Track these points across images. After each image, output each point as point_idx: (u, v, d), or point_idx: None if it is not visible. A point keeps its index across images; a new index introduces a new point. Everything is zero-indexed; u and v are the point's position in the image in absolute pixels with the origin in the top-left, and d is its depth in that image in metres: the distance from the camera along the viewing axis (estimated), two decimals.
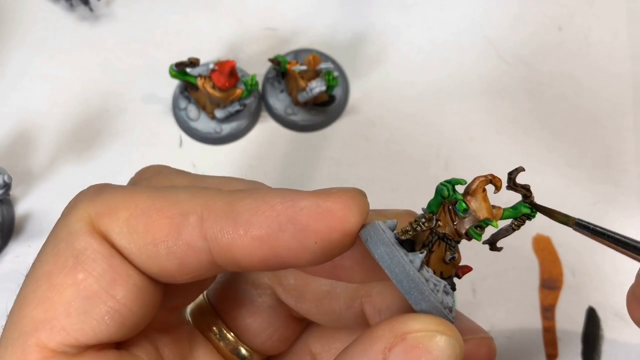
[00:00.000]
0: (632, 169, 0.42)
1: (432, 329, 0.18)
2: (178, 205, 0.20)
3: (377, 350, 0.19)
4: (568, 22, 0.46)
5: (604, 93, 0.44)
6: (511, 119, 0.43)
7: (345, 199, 0.20)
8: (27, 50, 0.43)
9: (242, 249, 0.20)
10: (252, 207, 0.20)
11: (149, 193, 0.21)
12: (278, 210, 0.20)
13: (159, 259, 0.20)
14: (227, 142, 0.41)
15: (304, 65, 0.39)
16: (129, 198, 0.21)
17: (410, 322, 0.19)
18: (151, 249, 0.20)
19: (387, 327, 0.19)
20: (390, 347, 0.18)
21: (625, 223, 0.40)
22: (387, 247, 0.20)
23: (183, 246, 0.20)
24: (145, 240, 0.20)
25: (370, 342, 0.19)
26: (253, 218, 0.20)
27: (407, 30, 0.45)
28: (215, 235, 0.20)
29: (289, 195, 0.20)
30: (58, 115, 0.41)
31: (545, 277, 0.38)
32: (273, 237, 0.20)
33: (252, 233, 0.20)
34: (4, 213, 0.37)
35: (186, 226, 0.20)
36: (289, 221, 0.20)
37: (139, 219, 0.20)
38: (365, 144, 0.42)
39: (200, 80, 0.38)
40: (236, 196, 0.20)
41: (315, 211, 0.19)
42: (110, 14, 0.45)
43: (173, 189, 0.21)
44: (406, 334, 0.18)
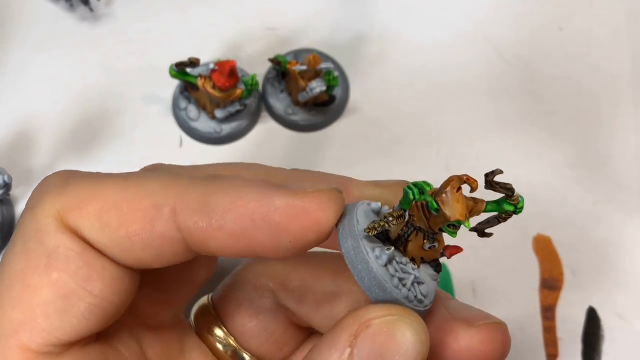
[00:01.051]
0: (632, 169, 0.42)
1: (395, 313, 0.19)
2: (150, 196, 0.20)
3: (344, 340, 0.19)
4: (568, 22, 0.46)
5: (604, 93, 0.44)
6: (511, 119, 0.43)
7: (321, 198, 0.19)
8: (27, 50, 0.43)
9: (216, 242, 0.20)
10: (226, 203, 0.20)
11: (119, 183, 0.21)
12: (252, 208, 0.19)
13: (134, 251, 0.20)
14: (227, 142, 0.41)
15: (304, 65, 0.39)
16: (98, 190, 0.20)
17: (373, 309, 0.19)
18: (125, 242, 0.20)
19: (351, 317, 0.19)
20: (355, 335, 0.19)
21: (625, 223, 0.40)
22: (355, 240, 0.20)
23: (158, 239, 0.20)
24: (118, 234, 0.20)
25: (338, 333, 0.19)
26: (227, 215, 0.19)
27: (407, 30, 0.45)
28: (189, 229, 0.20)
29: (264, 191, 0.20)
30: (58, 115, 0.41)
31: (545, 277, 0.38)
32: (247, 234, 0.19)
33: (226, 229, 0.20)
34: (4, 213, 0.37)
35: (160, 219, 0.20)
36: (263, 220, 0.19)
37: (110, 213, 0.20)
38: (365, 144, 0.42)
39: (200, 80, 0.38)
40: (210, 188, 0.20)
41: (290, 211, 0.19)
42: (110, 14, 0.45)
43: (144, 178, 0.21)
44: (370, 320, 0.19)
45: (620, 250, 0.39)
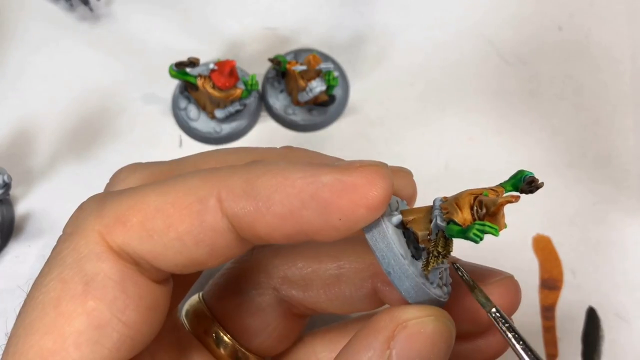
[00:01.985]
0: (632, 169, 0.42)
1: (430, 314, 0.20)
2: (192, 192, 0.20)
3: (382, 341, 0.19)
4: (568, 22, 0.46)
5: (604, 93, 0.44)
6: (511, 119, 0.43)
7: (369, 173, 0.19)
8: (27, 50, 0.43)
9: (265, 226, 0.19)
10: (272, 184, 0.19)
11: (156, 189, 0.20)
12: (300, 187, 0.19)
13: (187, 251, 0.20)
14: (227, 142, 0.41)
15: (304, 65, 0.39)
16: (138, 201, 0.20)
17: (409, 310, 0.20)
18: (177, 244, 0.20)
19: (387, 317, 0.20)
20: (393, 336, 0.19)
21: (625, 223, 0.40)
22: (389, 248, 0.20)
23: (209, 232, 0.20)
24: (169, 237, 0.20)
25: (374, 334, 0.20)
26: (274, 195, 0.19)
27: (407, 30, 0.45)
28: (237, 215, 0.19)
29: (310, 169, 0.19)
30: (58, 115, 0.41)
31: (545, 277, 0.38)
32: (296, 214, 0.19)
33: (273, 211, 0.19)
34: (4, 213, 0.37)
35: (207, 211, 0.19)
36: (312, 198, 0.19)
37: (155, 218, 0.20)
38: (365, 144, 0.41)
39: (200, 80, 0.38)
40: (253, 172, 0.20)
41: (339, 187, 0.19)
42: (110, 14, 0.45)
43: (181, 178, 0.20)
44: (406, 321, 0.19)
45: (620, 250, 0.39)
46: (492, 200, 0.20)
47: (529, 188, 0.21)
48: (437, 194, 0.27)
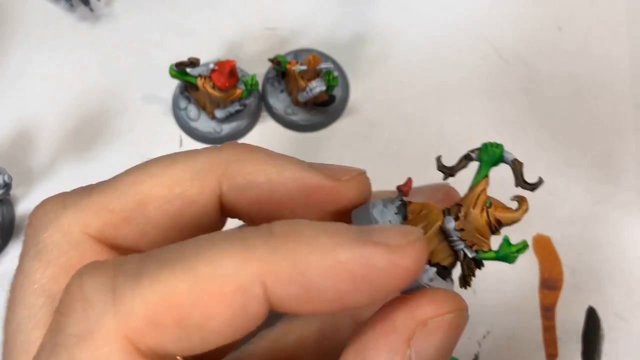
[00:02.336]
0: (632, 169, 0.42)
1: (449, 310, 0.20)
2: (231, 278, 0.17)
3: (403, 340, 0.19)
4: (568, 22, 0.46)
5: (604, 93, 0.44)
6: (511, 119, 0.43)
7: (418, 252, 0.19)
8: (27, 50, 0.43)
9: (310, 309, 0.18)
10: (323, 268, 0.18)
11: (184, 270, 0.17)
12: (354, 271, 0.18)
13: (224, 340, 0.18)
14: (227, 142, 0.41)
15: (304, 65, 0.39)
16: (168, 291, 0.17)
17: (428, 307, 0.19)
18: (216, 337, 0.17)
19: (408, 316, 0.19)
20: (413, 334, 0.19)
21: (625, 223, 0.40)
22: None
23: (251, 320, 0.18)
24: (207, 331, 0.17)
25: (393, 332, 0.19)
26: (326, 283, 0.18)
27: (407, 30, 0.45)
28: (282, 300, 0.18)
29: (358, 246, 0.18)
30: (58, 115, 0.41)
31: (545, 277, 0.38)
32: (344, 297, 0.18)
33: (324, 297, 0.18)
34: (4, 213, 0.37)
35: (252, 301, 0.17)
36: (365, 282, 0.18)
37: (194, 313, 0.17)
38: (365, 144, 0.42)
39: (200, 80, 0.38)
40: (299, 251, 0.18)
41: (393, 271, 0.18)
42: (110, 14, 0.45)
43: (207, 253, 0.18)
44: (427, 319, 0.19)
45: (620, 250, 0.39)
46: (512, 218, 0.21)
47: (531, 187, 0.22)
48: None
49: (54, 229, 0.21)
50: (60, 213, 0.22)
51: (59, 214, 0.22)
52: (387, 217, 0.21)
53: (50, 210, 0.22)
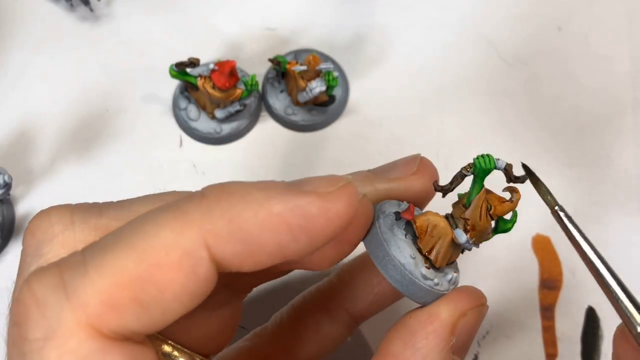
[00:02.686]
0: (632, 169, 0.42)
1: (481, 302, 0.24)
2: (175, 246, 0.18)
3: (449, 330, 0.22)
4: (568, 22, 0.46)
5: (604, 93, 0.44)
6: (511, 119, 0.43)
7: (347, 195, 0.20)
8: (27, 50, 0.43)
9: (253, 264, 0.19)
10: (259, 221, 0.18)
11: (128, 251, 0.17)
12: (290, 221, 0.19)
13: (184, 308, 0.18)
14: (227, 142, 0.41)
15: (304, 65, 0.39)
16: (117, 273, 0.17)
17: (466, 300, 0.23)
18: (175, 305, 0.18)
19: (451, 308, 0.22)
20: (457, 323, 0.22)
21: (625, 223, 0.40)
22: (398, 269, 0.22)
23: (204, 283, 0.18)
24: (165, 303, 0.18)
25: (439, 322, 0.22)
26: (264, 235, 0.18)
27: (407, 31, 0.45)
28: (226, 258, 0.18)
29: (290, 198, 0.19)
30: (58, 115, 0.41)
31: (545, 277, 0.38)
32: (285, 248, 0.19)
33: (265, 250, 0.19)
34: (4, 213, 0.37)
35: (200, 264, 0.18)
36: (302, 231, 0.19)
37: (147, 288, 0.17)
38: (365, 144, 0.42)
39: (200, 80, 0.38)
40: (233, 208, 0.18)
41: (326, 216, 0.19)
42: (110, 14, 0.45)
43: (145, 229, 0.18)
44: (467, 311, 0.23)
45: (620, 250, 0.39)
46: (510, 209, 0.24)
47: (522, 180, 0.24)
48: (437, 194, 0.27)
49: (59, 244, 0.21)
50: (67, 228, 0.21)
51: (66, 228, 0.21)
52: (405, 250, 0.23)
53: (57, 223, 0.21)
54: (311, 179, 0.20)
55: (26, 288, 0.18)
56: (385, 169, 0.26)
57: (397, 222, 0.23)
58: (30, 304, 0.17)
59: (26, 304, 0.17)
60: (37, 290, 0.17)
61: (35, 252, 0.21)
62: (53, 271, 0.18)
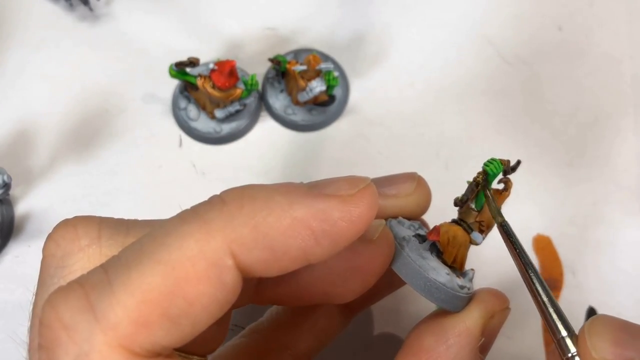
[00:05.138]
0: (632, 169, 0.42)
1: (507, 304, 0.25)
2: (199, 256, 0.18)
3: (479, 329, 0.23)
4: (568, 22, 0.46)
5: (604, 93, 0.44)
6: (511, 119, 0.43)
7: (369, 197, 0.20)
8: (27, 50, 0.43)
9: (278, 269, 0.19)
10: (284, 227, 0.18)
11: (153, 266, 0.17)
12: (313, 227, 0.19)
13: (213, 317, 0.18)
14: (227, 142, 0.41)
15: (304, 65, 0.39)
16: (145, 290, 0.17)
17: (494, 302, 0.25)
18: (204, 316, 0.18)
19: (482, 309, 0.24)
20: (487, 324, 0.24)
21: (625, 223, 0.40)
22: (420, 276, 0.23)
23: (231, 291, 0.18)
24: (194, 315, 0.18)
25: (472, 322, 0.23)
26: (289, 241, 0.18)
27: (407, 30, 0.45)
28: (251, 266, 0.18)
29: (313, 203, 0.19)
30: (58, 115, 0.41)
31: (545, 277, 0.38)
32: (308, 252, 0.19)
33: (290, 256, 0.19)
34: (3, 213, 0.37)
35: (226, 273, 0.18)
36: (325, 236, 0.19)
37: (176, 303, 0.17)
38: (365, 144, 0.41)
39: (200, 80, 0.38)
40: (256, 214, 0.18)
41: (349, 220, 0.19)
42: (110, 14, 0.45)
43: (167, 241, 0.18)
44: (496, 312, 0.24)
45: (620, 250, 0.39)
46: (506, 198, 0.25)
47: (513, 170, 0.25)
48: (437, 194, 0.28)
49: (85, 258, 0.20)
50: (94, 242, 0.20)
51: (93, 242, 0.20)
52: (439, 268, 0.24)
53: (84, 236, 0.21)
54: (332, 180, 0.20)
55: (51, 310, 0.17)
56: (380, 184, 0.25)
57: (421, 245, 0.24)
58: (57, 328, 0.17)
59: (54, 328, 0.17)
60: (64, 314, 0.17)
61: (60, 263, 0.20)
62: (78, 292, 0.17)
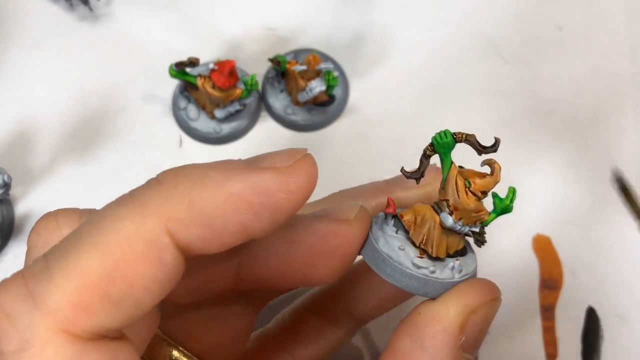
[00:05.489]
0: (632, 169, 0.42)
1: (493, 297, 0.22)
2: (136, 237, 0.17)
3: (458, 327, 0.21)
4: (568, 22, 0.46)
5: (604, 93, 0.44)
6: (511, 119, 0.43)
7: (307, 168, 0.20)
8: (27, 50, 0.43)
9: (218, 245, 0.19)
10: (220, 202, 0.18)
11: (89, 250, 0.17)
12: (252, 201, 0.18)
13: (157, 297, 0.18)
14: (227, 142, 0.41)
15: (303, 65, 0.39)
16: (82, 274, 0.17)
17: (476, 295, 0.21)
18: (147, 297, 0.18)
19: (461, 304, 0.21)
20: (466, 321, 0.21)
21: (625, 223, 0.40)
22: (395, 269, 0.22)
23: (172, 269, 0.18)
24: (136, 296, 0.17)
25: (447, 319, 0.21)
26: (228, 216, 0.18)
27: (407, 30, 0.45)
28: (190, 243, 0.18)
29: (250, 176, 0.19)
30: (58, 115, 0.41)
31: (545, 277, 0.38)
32: (249, 226, 0.19)
33: (230, 230, 0.18)
34: (4, 213, 0.37)
35: (165, 252, 0.18)
36: (265, 208, 0.19)
37: (116, 284, 0.17)
38: (365, 144, 0.41)
39: (200, 80, 0.38)
40: (191, 191, 0.18)
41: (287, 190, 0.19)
42: (110, 14, 0.45)
43: (103, 224, 0.18)
44: (476, 307, 0.21)
45: (620, 250, 0.39)
46: (493, 182, 0.23)
47: (492, 149, 0.24)
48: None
49: None
50: None
51: None
52: (393, 242, 0.22)
53: (64, 225, 0.21)
54: (269, 154, 0.20)
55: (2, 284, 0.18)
56: (402, 179, 0.25)
57: (386, 220, 0.23)
58: (0, 318, 0.17)
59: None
60: (5, 304, 0.17)
61: (41, 252, 0.20)
62: (18, 281, 0.17)
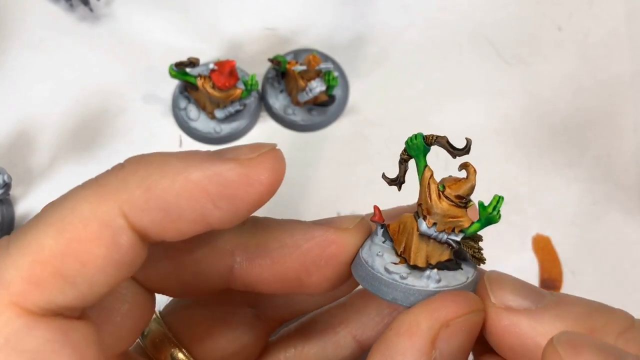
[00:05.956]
0: (632, 169, 0.42)
1: (470, 310, 0.20)
2: (91, 219, 0.18)
3: (428, 342, 0.19)
4: (568, 22, 0.46)
5: (604, 93, 0.44)
6: (511, 119, 0.43)
7: (269, 161, 0.20)
8: (27, 50, 0.43)
9: (175, 232, 0.19)
10: (177, 189, 0.18)
11: (46, 230, 0.18)
12: (209, 188, 0.19)
13: (112, 279, 0.18)
14: (227, 142, 0.41)
15: (303, 65, 0.39)
16: (36, 251, 0.17)
17: (450, 308, 0.20)
18: (100, 277, 0.18)
19: (432, 318, 0.20)
20: (437, 335, 0.19)
21: (625, 223, 0.40)
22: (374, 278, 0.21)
23: (127, 251, 0.18)
24: (90, 274, 0.18)
25: (418, 334, 0.19)
26: (182, 202, 0.18)
27: (407, 30, 0.45)
28: (145, 227, 0.18)
29: (209, 165, 0.19)
30: (58, 115, 0.41)
31: (545, 277, 0.38)
32: (207, 215, 0.19)
33: (186, 217, 0.18)
34: (4, 213, 0.37)
35: (120, 233, 0.18)
36: (223, 197, 0.19)
37: (69, 262, 0.17)
38: (365, 144, 0.42)
39: (200, 80, 0.38)
40: (149, 177, 0.19)
41: (246, 182, 0.19)
42: (110, 14, 0.45)
43: (62, 206, 0.18)
44: (449, 321, 0.20)
45: (620, 250, 0.39)
46: (469, 187, 0.22)
47: (465, 151, 0.23)
48: None
49: None
50: None
51: None
52: (375, 249, 0.21)
53: None
54: (235, 146, 0.20)
55: None
56: None
57: (376, 230, 0.22)
58: None
59: None
60: None
61: None
62: None
